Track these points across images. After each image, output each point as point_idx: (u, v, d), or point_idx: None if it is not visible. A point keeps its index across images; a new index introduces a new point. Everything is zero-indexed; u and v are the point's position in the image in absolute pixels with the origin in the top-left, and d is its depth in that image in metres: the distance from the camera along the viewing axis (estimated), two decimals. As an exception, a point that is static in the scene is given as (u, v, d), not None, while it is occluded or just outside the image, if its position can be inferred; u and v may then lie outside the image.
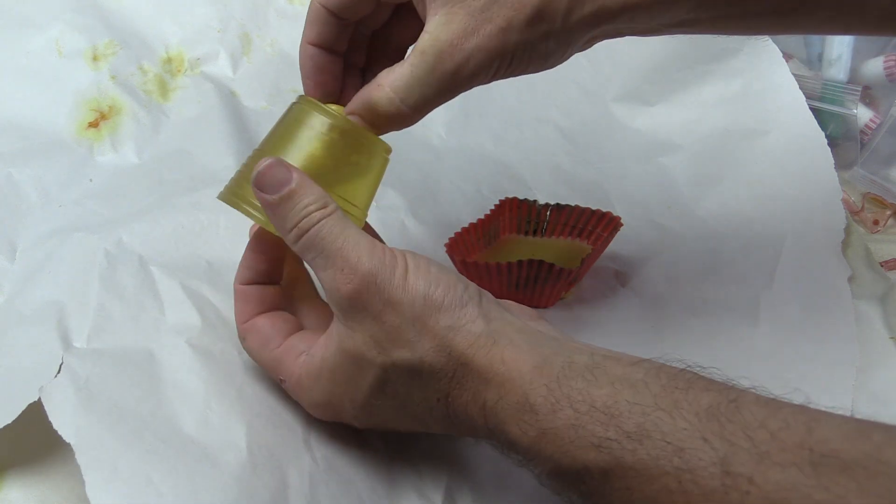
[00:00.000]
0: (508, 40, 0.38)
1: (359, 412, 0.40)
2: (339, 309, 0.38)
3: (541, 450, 0.34)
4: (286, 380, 0.41)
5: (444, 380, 0.37)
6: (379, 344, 0.37)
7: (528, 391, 0.35)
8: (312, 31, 0.42)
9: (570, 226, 0.55)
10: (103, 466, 0.38)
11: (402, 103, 0.39)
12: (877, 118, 0.65)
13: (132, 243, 0.49)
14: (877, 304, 0.56)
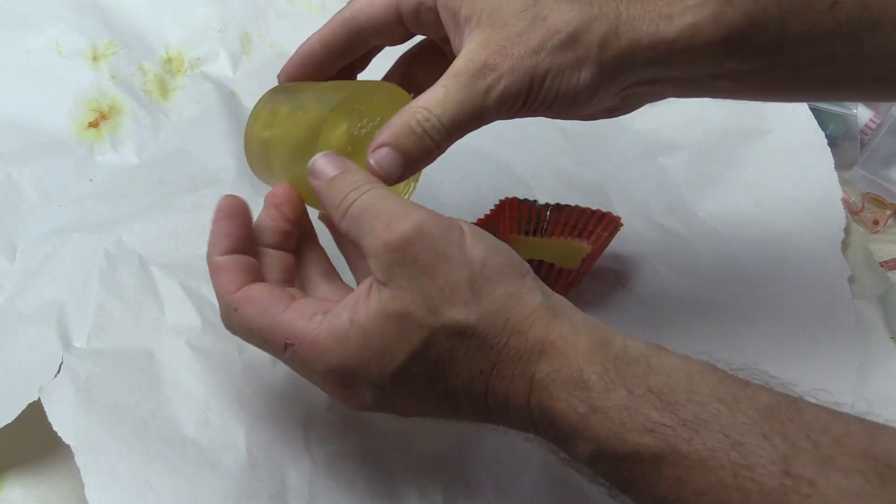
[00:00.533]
0: (540, 63, 0.38)
1: (381, 386, 0.36)
2: (385, 267, 0.35)
3: (588, 428, 0.33)
4: (296, 342, 0.36)
5: (493, 349, 0.35)
6: (430, 301, 0.34)
7: (584, 367, 0.33)
8: (324, 30, 0.43)
9: (570, 226, 0.55)
10: (103, 469, 0.38)
11: (440, 122, 0.38)
12: (877, 118, 0.65)
13: (132, 243, 0.49)
14: (877, 304, 0.56)
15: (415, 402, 0.37)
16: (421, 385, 0.36)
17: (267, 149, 0.42)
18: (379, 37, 0.43)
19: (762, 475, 0.29)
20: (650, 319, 0.54)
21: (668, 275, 0.57)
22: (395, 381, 0.35)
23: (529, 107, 0.39)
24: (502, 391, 0.35)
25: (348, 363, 0.35)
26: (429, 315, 0.34)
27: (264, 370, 0.45)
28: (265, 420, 0.43)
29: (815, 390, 0.35)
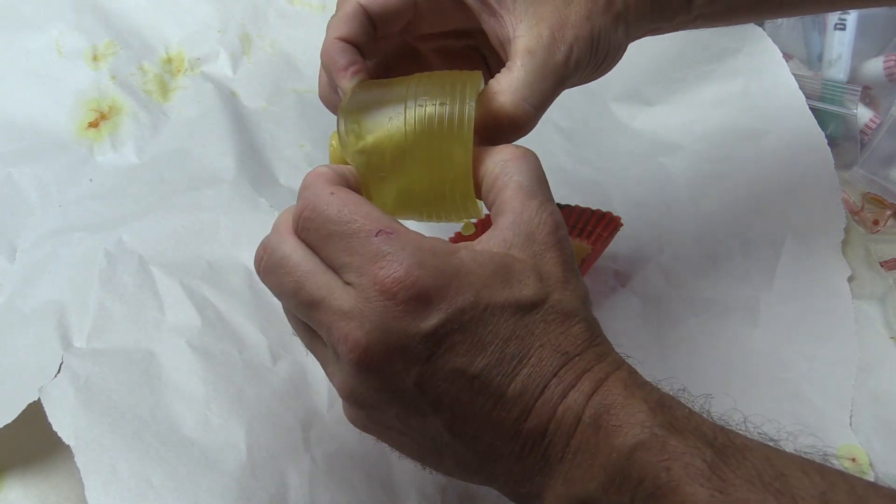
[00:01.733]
0: (594, 27, 0.40)
1: (451, 323, 0.33)
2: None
3: (642, 422, 0.33)
4: (395, 232, 0.34)
5: (583, 358, 0.34)
6: (562, 274, 0.35)
7: (644, 390, 0.34)
8: (344, 27, 0.40)
9: (570, 226, 0.55)
10: (103, 468, 0.38)
11: (526, 103, 0.39)
12: (877, 118, 0.65)
13: (132, 243, 0.49)
14: (877, 304, 0.56)
15: (475, 355, 0.34)
16: (504, 332, 0.34)
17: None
18: (387, 26, 0.42)
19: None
20: (650, 319, 0.54)
21: (668, 275, 0.57)
22: (483, 315, 0.33)
23: (591, 68, 0.41)
24: (575, 377, 0.34)
25: (448, 268, 0.33)
26: (546, 283, 0.35)
27: (264, 370, 0.45)
28: (265, 420, 0.43)
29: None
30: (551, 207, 0.36)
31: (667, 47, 0.64)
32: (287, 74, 0.63)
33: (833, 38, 0.67)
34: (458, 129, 0.37)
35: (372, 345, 0.33)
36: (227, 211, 0.52)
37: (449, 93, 0.38)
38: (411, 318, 0.33)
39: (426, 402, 0.34)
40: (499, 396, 0.34)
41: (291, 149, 0.59)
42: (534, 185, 0.37)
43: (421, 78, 0.39)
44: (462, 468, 0.36)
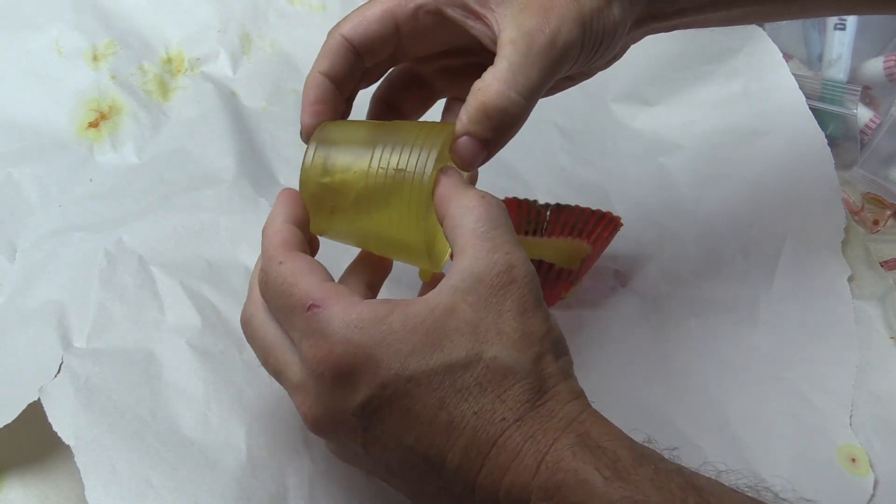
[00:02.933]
0: (583, 7, 0.38)
1: (386, 387, 0.33)
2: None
3: (608, 493, 0.31)
4: (323, 305, 0.34)
5: (528, 403, 0.33)
6: (496, 329, 0.34)
7: (615, 444, 0.33)
8: (326, 62, 0.41)
9: (570, 226, 0.55)
10: (103, 468, 0.38)
11: (513, 91, 0.37)
12: (877, 118, 0.65)
13: (132, 243, 0.49)
14: (877, 304, 0.56)
15: (406, 427, 0.34)
16: (433, 401, 0.33)
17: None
18: (373, 55, 0.42)
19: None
20: (650, 319, 0.55)
21: (668, 274, 0.57)
22: (406, 387, 0.33)
23: (587, 52, 0.40)
24: (515, 447, 0.32)
25: (371, 341, 0.33)
26: (482, 340, 0.33)
27: (264, 371, 0.45)
28: (265, 420, 0.43)
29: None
30: (507, 248, 0.35)
31: (667, 47, 0.64)
32: (287, 74, 0.63)
33: (833, 38, 0.67)
34: (412, 203, 0.37)
35: (317, 418, 0.35)
36: (227, 211, 0.52)
37: (413, 151, 0.38)
38: (342, 393, 0.34)
39: (381, 465, 0.35)
40: (439, 468, 0.33)
41: (291, 149, 0.59)
42: (488, 229, 0.35)
43: (392, 131, 0.39)
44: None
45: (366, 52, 0.41)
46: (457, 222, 0.36)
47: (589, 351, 0.52)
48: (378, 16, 0.40)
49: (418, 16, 0.40)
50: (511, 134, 0.39)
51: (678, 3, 0.43)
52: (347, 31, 0.41)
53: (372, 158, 0.38)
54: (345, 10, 0.66)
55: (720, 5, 0.44)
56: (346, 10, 0.67)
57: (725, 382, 0.52)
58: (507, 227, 0.36)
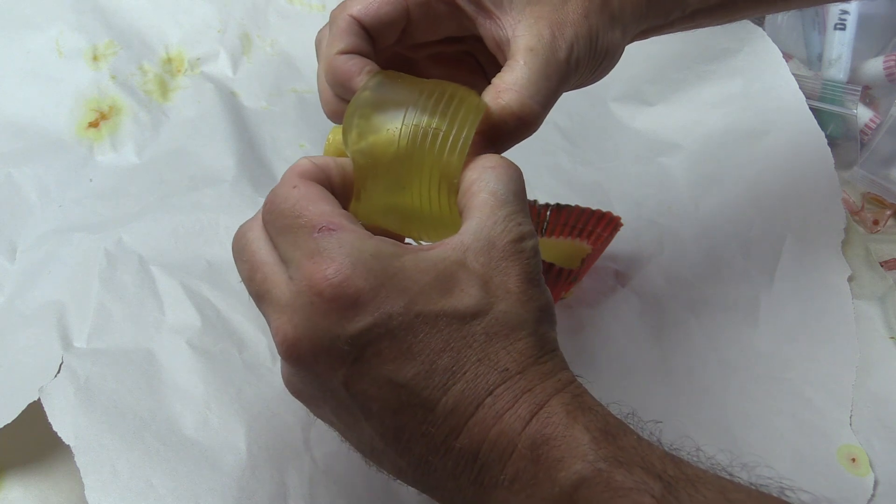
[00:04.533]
0: (592, 26, 0.40)
1: (386, 326, 0.33)
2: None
3: (598, 450, 0.31)
4: (338, 230, 0.33)
5: (533, 364, 0.33)
6: (506, 286, 0.34)
7: (601, 410, 0.33)
8: (341, 42, 0.40)
9: (570, 226, 0.55)
10: (103, 468, 0.38)
11: (532, 100, 0.38)
12: (877, 118, 0.65)
13: (132, 243, 0.49)
14: (877, 304, 0.56)
15: (404, 363, 0.33)
16: (437, 342, 0.33)
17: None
18: (383, 39, 0.41)
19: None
20: (650, 319, 0.54)
21: (668, 274, 0.57)
22: (413, 322, 0.32)
23: (589, 69, 0.41)
24: (513, 397, 0.33)
25: (383, 271, 0.33)
26: (492, 294, 0.34)
27: (264, 370, 0.45)
28: (265, 420, 0.43)
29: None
30: (520, 219, 0.35)
31: (667, 47, 0.64)
32: (287, 74, 0.63)
33: (833, 38, 0.67)
34: (449, 159, 0.36)
35: (299, 340, 0.33)
36: (227, 211, 0.52)
37: (451, 116, 0.37)
38: (338, 317, 0.32)
39: (356, 405, 0.34)
40: (428, 410, 0.33)
41: (291, 149, 0.59)
42: (508, 195, 0.35)
43: (432, 88, 0.38)
44: (401, 476, 0.36)
45: (376, 34, 0.40)
46: (476, 177, 0.36)
47: (589, 351, 0.52)
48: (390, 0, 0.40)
49: (431, 3, 0.40)
50: (520, 139, 0.39)
51: (671, 16, 0.44)
52: (357, 11, 0.40)
53: (403, 125, 0.37)
54: (345, 10, 0.66)
55: (714, 14, 0.46)
56: (346, 10, 0.67)
57: (725, 382, 0.52)
58: (523, 195, 0.36)
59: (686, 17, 0.44)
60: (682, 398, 0.51)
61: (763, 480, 0.33)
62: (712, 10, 0.45)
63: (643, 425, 0.34)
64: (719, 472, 0.33)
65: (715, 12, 0.45)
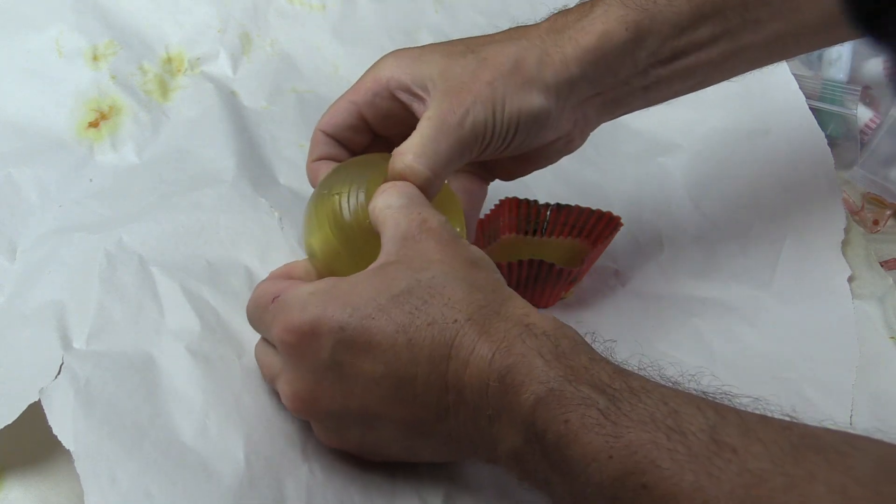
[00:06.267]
0: (496, 90, 0.43)
1: (350, 326, 0.38)
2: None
3: (547, 372, 0.35)
4: (282, 293, 0.40)
5: (472, 304, 0.38)
6: (422, 261, 0.39)
7: (557, 334, 0.36)
8: (316, 153, 0.47)
9: (570, 226, 0.55)
10: (102, 476, 0.38)
11: (416, 163, 0.42)
12: (877, 118, 0.65)
13: (132, 243, 0.49)
14: (877, 304, 0.56)
15: (374, 358, 0.37)
16: (390, 328, 0.37)
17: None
18: (353, 143, 0.48)
19: (692, 440, 0.32)
20: (650, 319, 0.55)
21: (668, 274, 0.57)
22: (363, 324, 0.37)
23: (498, 135, 0.44)
24: (471, 343, 0.36)
25: (324, 300, 0.38)
26: (417, 270, 0.38)
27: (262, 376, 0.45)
28: (263, 429, 0.42)
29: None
30: (418, 210, 0.40)
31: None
32: (287, 74, 0.63)
33: (833, 38, 0.67)
34: (355, 215, 0.43)
35: (298, 392, 0.39)
36: (227, 211, 0.52)
37: (349, 181, 0.44)
38: (310, 352, 0.38)
39: (370, 416, 0.39)
40: (412, 383, 0.37)
41: (291, 149, 0.59)
42: (401, 201, 0.41)
43: (346, 169, 0.46)
44: (440, 456, 0.41)
45: (343, 140, 0.47)
46: (374, 204, 0.42)
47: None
48: (344, 107, 0.47)
49: (376, 103, 0.46)
50: (429, 195, 0.43)
51: (621, 73, 0.46)
52: (323, 125, 0.47)
53: (311, 207, 0.45)
54: (345, 11, 0.67)
55: (675, 80, 0.49)
56: (345, 10, 0.67)
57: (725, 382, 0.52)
58: (418, 197, 0.41)
59: (640, 74, 0.47)
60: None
61: (709, 388, 0.36)
62: (667, 62, 0.47)
63: (600, 345, 0.38)
64: (665, 383, 0.36)
65: (673, 68, 0.48)
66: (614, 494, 0.32)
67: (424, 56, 0.45)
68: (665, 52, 0.47)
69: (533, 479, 0.37)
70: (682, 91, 0.50)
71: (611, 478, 0.32)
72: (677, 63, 0.47)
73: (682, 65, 0.48)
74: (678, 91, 0.50)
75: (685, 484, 0.31)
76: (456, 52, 0.45)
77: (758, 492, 0.30)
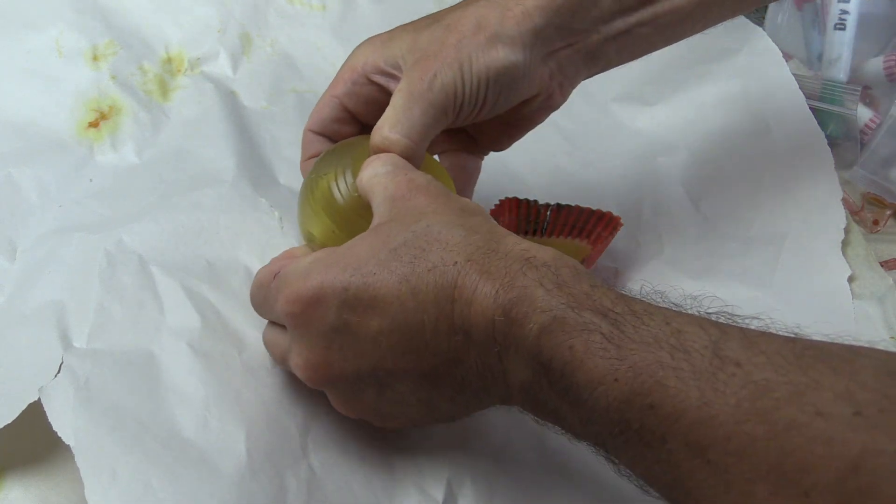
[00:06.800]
0: (461, 51, 0.44)
1: (354, 285, 0.38)
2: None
3: (549, 300, 0.35)
4: (282, 268, 0.41)
5: (470, 245, 0.38)
6: (412, 216, 0.40)
7: (558, 263, 0.37)
8: (308, 152, 0.48)
9: (570, 226, 0.55)
10: (103, 471, 0.38)
11: (392, 132, 0.43)
12: (877, 118, 0.65)
13: (132, 243, 0.49)
14: (877, 304, 0.56)
15: (382, 313, 0.37)
16: (393, 280, 0.37)
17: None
18: (339, 137, 0.48)
19: (695, 358, 0.32)
20: (650, 319, 0.54)
21: (668, 274, 0.57)
22: (365, 280, 0.37)
23: (470, 95, 0.44)
24: (473, 282, 0.37)
25: (323, 266, 0.38)
26: (412, 223, 0.39)
27: (264, 371, 0.45)
28: (264, 424, 0.43)
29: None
30: (404, 172, 0.41)
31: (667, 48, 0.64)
32: (287, 74, 0.63)
33: (833, 38, 0.67)
34: (346, 195, 0.44)
35: (308, 361, 0.39)
36: (227, 211, 0.52)
37: (335, 165, 0.45)
38: (316, 320, 0.38)
39: (383, 375, 0.39)
40: (421, 331, 0.37)
41: (291, 149, 0.59)
42: (386, 168, 0.42)
43: (323, 155, 0.47)
44: (457, 411, 0.41)
45: (333, 135, 0.48)
46: (362, 177, 0.42)
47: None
48: (327, 102, 0.48)
49: (355, 91, 0.47)
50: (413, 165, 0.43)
51: (585, 21, 0.46)
52: (310, 124, 0.48)
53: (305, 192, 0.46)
54: (345, 11, 0.67)
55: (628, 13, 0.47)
56: (346, 11, 0.67)
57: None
58: (402, 162, 0.42)
59: (607, 21, 0.46)
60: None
61: (710, 309, 0.36)
62: (634, 9, 0.47)
63: (605, 275, 0.39)
64: (669, 305, 0.36)
65: (641, 16, 0.47)
66: (621, 417, 0.33)
67: (394, 36, 0.46)
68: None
69: (544, 412, 0.37)
70: (658, 43, 0.49)
71: (617, 400, 0.33)
72: (645, 11, 0.47)
73: (651, 12, 0.47)
74: (654, 43, 0.49)
75: (691, 400, 0.31)
76: (422, 25, 0.46)
77: (763, 403, 0.30)
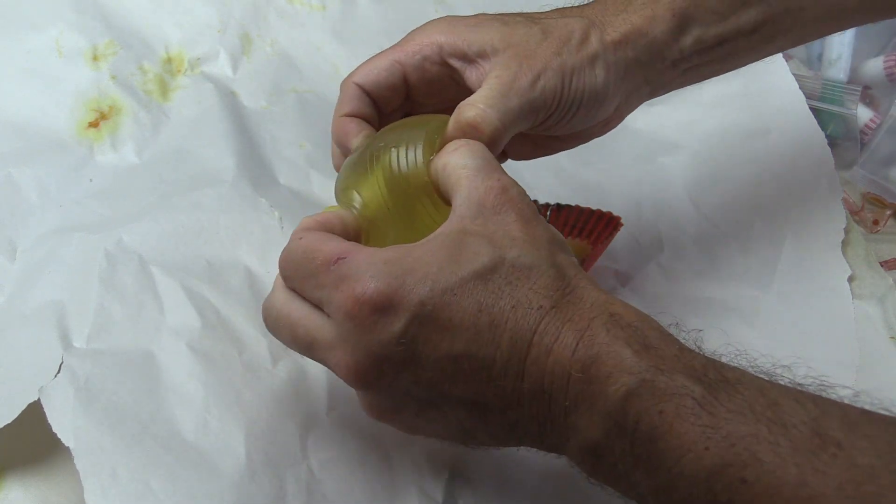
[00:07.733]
0: (565, 62, 0.42)
1: (424, 305, 0.35)
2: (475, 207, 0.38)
3: (638, 363, 0.34)
4: (349, 256, 0.37)
5: (558, 290, 0.36)
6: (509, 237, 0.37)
7: (643, 324, 0.35)
8: (347, 107, 0.44)
9: (570, 226, 0.55)
10: (102, 471, 0.38)
11: (491, 109, 0.41)
12: (877, 118, 0.65)
13: (132, 243, 0.49)
14: (877, 304, 0.56)
15: (453, 337, 0.35)
16: (471, 307, 0.35)
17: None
18: (386, 102, 0.45)
19: (793, 434, 0.31)
20: (650, 319, 0.54)
21: (668, 274, 0.57)
22: (444, 299, 0.35)
23: (565, 105, 0.43)
24: (555, 330, 0.35)
25: (400, 271, 0.36)
26: (501, 247, 0.36)
27: (264, 371, 0.45)
28: (264, 424, 0.42)
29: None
30: (498, 175, 0.38)
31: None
32: (287, 74, 0.63)
33: (833, 38, 0.67)
34: (414, 171, 0.41)
35: (359, 363, 0.36)
36: (227, 211, 0.52)
37: (406, 138, 0.41)
38: (381, 326, 0.36)
39: (433, 395, 0.37)
40: (490, 366, 0.35)
41: (291, 149, 0.59)
42: (478, 161, 0.39)
43: (402, 126, 0.43)
44: (497, 442, 0.39)
45: (379, 98, 0.45)
46: (446, 162, 0.39)
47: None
48: (387, 65, 0.44)
49: (424, 66, 0.44)
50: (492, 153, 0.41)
51: (666, 60, 0.46)
52: (359, 78, 0.44)
53: (371, 162, 0.41)
54: (345, 11, 0.67)
55: (715, 57, 0.47)
56: (346, 11, 0.67)
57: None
58: (493, 161, 0.40)
59: (685, 59, 0.46)
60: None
61: (803, 380, 0.35)
62: (711, 49, 0.46)
63: (686, 334, 0.37)
64: (759, 374, 0.35)
65: (715, 54, 0.47)
66: (709, 488, 0.31)
67: (481, 24, 0.44)
68: (710, 40, 0.46)
69: (610, 475, 0.35)
70: (718, 73, 0.49)
71: (706, 470, 0.31)
72: (719, 49, 0.47)
73: (724, 51, 0.47)
74: (714, 73, 0.49)
75: (789, 478, 0.30)
76: (514, 21, 0.44)
77: (867, 489, 0.29)
